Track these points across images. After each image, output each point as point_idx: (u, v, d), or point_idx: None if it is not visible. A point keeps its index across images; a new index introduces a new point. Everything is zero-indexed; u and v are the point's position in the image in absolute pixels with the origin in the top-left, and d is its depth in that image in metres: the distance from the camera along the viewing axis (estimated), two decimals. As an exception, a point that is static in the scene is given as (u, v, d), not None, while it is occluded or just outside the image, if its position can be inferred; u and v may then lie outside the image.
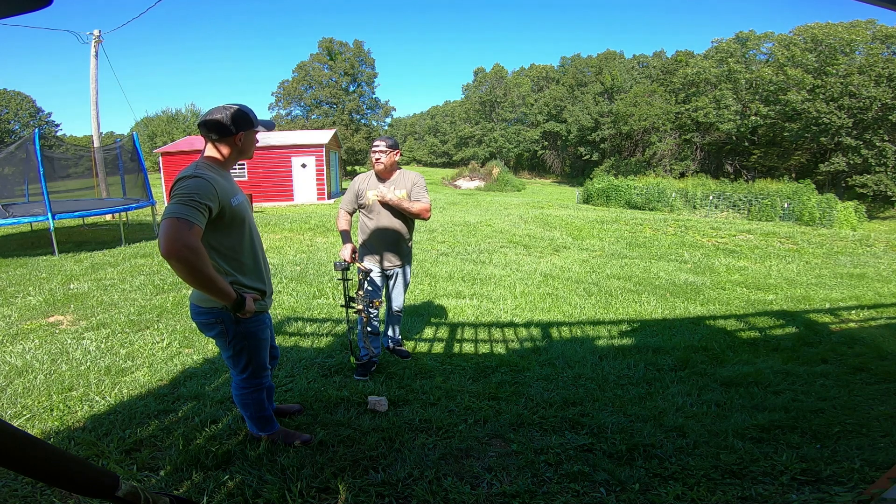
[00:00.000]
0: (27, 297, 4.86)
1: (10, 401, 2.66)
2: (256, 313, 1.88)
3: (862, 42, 31.93)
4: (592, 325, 4.45)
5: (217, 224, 1.70)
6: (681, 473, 2.05)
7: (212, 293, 1.61)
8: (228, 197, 1.73)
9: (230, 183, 1.83)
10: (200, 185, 1.61)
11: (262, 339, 1.97)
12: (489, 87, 54.91)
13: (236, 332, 1.86)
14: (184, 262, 1.47)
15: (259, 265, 1.92)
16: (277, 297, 4.89)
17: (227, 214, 1.72)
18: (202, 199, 1.58)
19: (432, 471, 2.03)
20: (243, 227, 1.81)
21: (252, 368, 1.98)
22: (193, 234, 1.50)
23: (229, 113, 1.77)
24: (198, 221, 1.54)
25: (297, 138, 20.78)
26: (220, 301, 1.67)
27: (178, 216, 1.50)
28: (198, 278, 1.52)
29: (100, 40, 12.79)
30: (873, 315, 5.03)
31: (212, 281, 1.56)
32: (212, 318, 1.83)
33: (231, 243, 1.79)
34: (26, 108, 48.89)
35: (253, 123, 1.82)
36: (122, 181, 10.63)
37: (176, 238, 1.46)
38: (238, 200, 1.80)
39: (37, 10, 0.83)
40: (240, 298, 1.71)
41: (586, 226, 12.48)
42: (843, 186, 32.39)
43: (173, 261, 1.47)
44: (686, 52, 45.22)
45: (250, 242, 1.87)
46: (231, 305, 1.69)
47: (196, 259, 1.49)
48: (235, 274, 1.81)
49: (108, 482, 0.99)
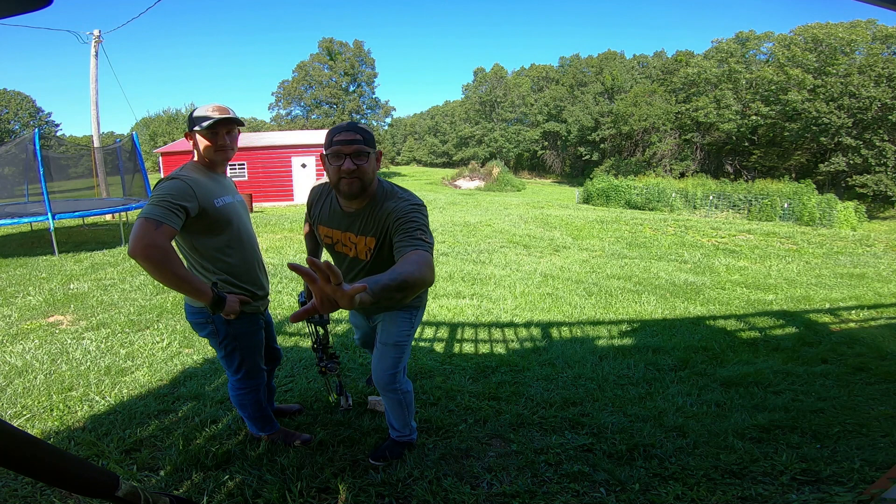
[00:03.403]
0: (27, 297, 4.86)
1: (10, 401, 2.66)
2: (247, 314, 1.87)
3: (862, 42, 31.94)
4: (592, 325, 4.45)
5: (198, 225, 1.70)
6: (681, 473, 2.05)
7: (185, 292, 1.63)
8: (211, 198, 1.72)
9: (218, 184, 1.81)
10: (175, 187, 1.62)
11: (254, 340, 1.95)
12: (489, 87, 54.90)
13: (227, 332, 1.85)
14: (149, 260, 1.50)
15: (249, 266, 1.89)
16: (277, 297, 4.89)
17: (210, 215, 1.71)
18: (176, 200, 1.59)
19: (432, 471, 2.03)
20: (229, 228, 1.79)
21: (245, 369, 1.97)
22: (161, 233, 1.52)
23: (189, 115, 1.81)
24: (168, 221, 1.54)
25: (297, 138, 20.79)
26: (198, 300, 1.68)
27: (147, 216, 1.53)
28: (166, 276, 1.54)
29: (100, 40, 12.79)
30: (873, 315, 5.03)
31: (182, 280, 1.57)
32: (202, 317, 1.83)
33: (216, 244, 1.77)
34: (26, 108, 48.90)
35: (194, 124, 1.76)
36: (122, 181, 10.64)
37: (141, 237, 1.49)
38: (223, 202, 1.77)
39: (37, 10, 0.83)
40: (217, 298, 1.69)
41: (586, 226, 12.48)
42: (843, 186, 32.38)
43: (139, 259, 1.50)
44: (686, 52, 45.24)
45: (238, 243, 1.85)
46: (209, 305, 1.70)
47: (162, 258, 1.51)
48: (223, 274, 1.81)
49: (108, 482, 0.99)
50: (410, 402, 2.08)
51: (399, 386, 1.98)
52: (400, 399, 2.02)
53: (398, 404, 2.04)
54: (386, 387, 1.97)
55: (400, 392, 2.00)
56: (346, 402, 2.49)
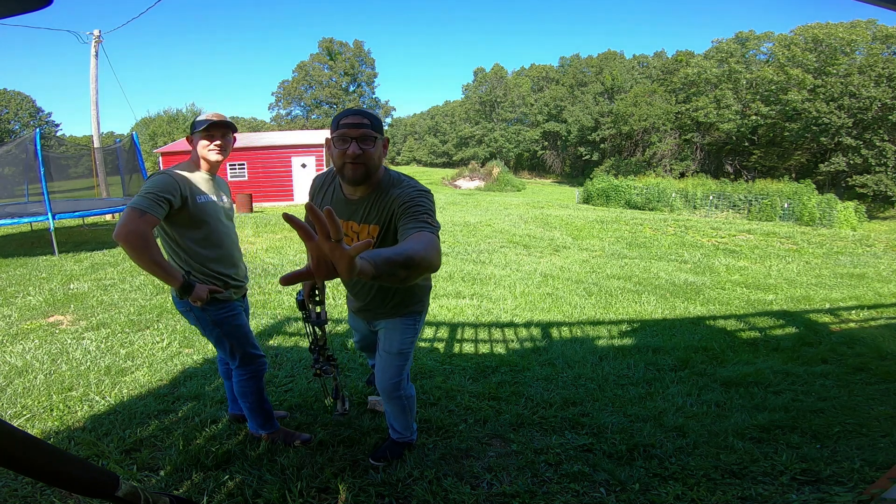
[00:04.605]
0: (27, 297, 4.86)
1: (10, 401, 2.66)
2: (220, 301, 1.97)
3: (862, 42, 31.95)
4: (592, 325, 4.45)
5: (180, 217, 1.85)
6: (681, 473, 2.05)
7: (158, 276, 1.77)
8: (193, 194, 1.87)
9: (205, 183, 1.95)
10: (161, 181, 1.78)
11: (236, 324, 2.04)
12: (489, 87, 54.93)
13: (206, 319, 1.97)
14: (129, 244, 1.66)
15: (222, 257, 2.00)
16: (277, 297, 4.89)
17: (189, 209, 1.85)
18: (161, 193, 1.75)
19: (432, 471, 2.03)
20: (206, 225, 1.92)
21: (239, 355, 2.06)
22: (144, 221, 1.68)
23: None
24: (151, 211, 1.71)
25: (296, 138, 20.78)
26: (169, 285, 1.83)
27: (133, 206, 1.70)
28: (143, 260, 1.70)
29: (100, 40, 12.80)
30: (873, 315, 5.03)
31: (156, 265, 1.72)
32: (181, 306, 1.97)
33: (195, 236, 1.91)
34: (26, 108, 48.92)
35: (194, 128, 1.94)
36: (123, 181, 10.64)
37: (125, 223, 1.66)
38: (203, 199, 1.90)
39: (37, 10, 0.83)
40: (186, 284, 1.81)
41: (586, 226, 12.48)
42: (843, 186, 32.38)
43: (121, 242, 1.66)
44: (686, 52, 45.25)
45: (218, 238, 1.97)
46: (178, 290, 1.82)
47: (141, 243, 1.67)
48: (199, 265, 1.93)
49: (108, 482, 0.99)
50: (413, 405, 2.08)
51: (403, 392, 1.97)
52: (404, 405, 2.01)
53: (402, 410, 2.03)
54: (391, 394, 1.95)
55: (404, 398, 1.99)
56: (343, 407, 2.32)
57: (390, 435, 2.15)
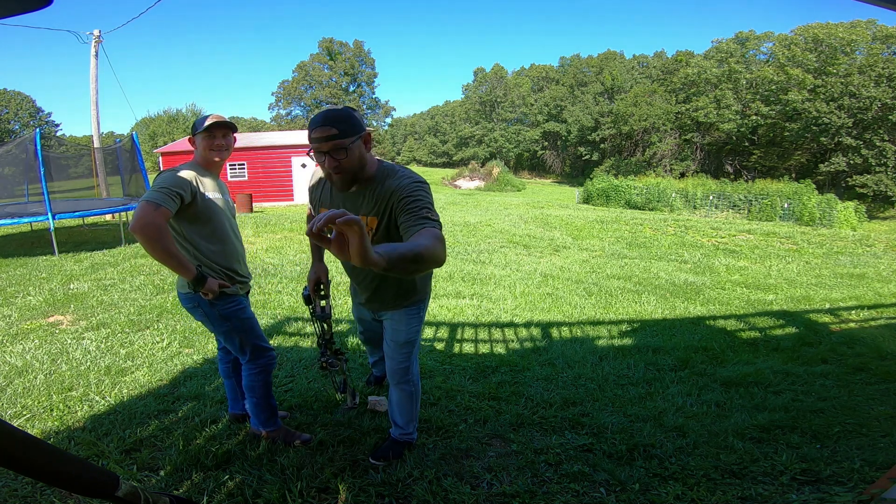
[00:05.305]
0: (27, 297, 4.86)
1: (10, 401, 2.66)
2: (227, 295, 2.00)
3: (862, 42, 31.96)
4: (592, 325, 4.45)
5: (188, 213, 1.90)
6: (681, 473, 2.05)
7: (172, 267, 1.81)
8: (202, 190, 1.94)
9: (210, 182, 2.00)
10: (173, 177, 1.85)
11: (244, 317, 2.06)
12: (489, 87, 54.95)
13: (214, 313, 1.99)
14: (146, 236, 1.70)
15: (230, 256, 2.05)
16: (277, 297, 4.89)
17: (198, 205, 1.91)
18: (173, 188, 1.81)
19: (432, 471, 2.03)
20: (212, 221, 1.98)
21: (249, 349, 2.08)
22: (159, 214, 1.73)
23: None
24: (166, 204, 1.76)
25: (297, 138, 20.74)
26: (182, 276, 1.86)
27: (148, 199, 1.75)
28: (158, 251, 1.73)
29: (100, 40, 12.79)
30: (873, 315, 5.03)
31: (172, 255, 1.76)
32: (188, 303, 2.01)
33: (203, 232, 1.96)
34: (26, 108, 48.94)
35: (196, 129, 2.00)
36: (123, 181, 10.63)
37: (141, 216, 1.70)
38: (210, 196, 1.97)
39: (37, 10, 0.83)
40: (199, 275, 1.86)
41: (586, 226, 12.48)
42: (843, 186, 32.39)
43: (137, 234, 1.70)
44: (686, 52, 45.26)
45: (223, 234, 2.03)
46: (191, 281, 1.86)
47: (157, 234, 1.71)
48: (206, 259, 1.97)
49: (108, 482, 0.99)
50: (419, 396, 2.12)
51: (412, 377, 2.03)
52: (411, 391, 2.05)
53: (409, 397, 2.06)
54: (400, 380, 2.01)
55: (412, 384, 2.04)
56: (353, 401, 2.49)
57: (391, 433, 2.17)
